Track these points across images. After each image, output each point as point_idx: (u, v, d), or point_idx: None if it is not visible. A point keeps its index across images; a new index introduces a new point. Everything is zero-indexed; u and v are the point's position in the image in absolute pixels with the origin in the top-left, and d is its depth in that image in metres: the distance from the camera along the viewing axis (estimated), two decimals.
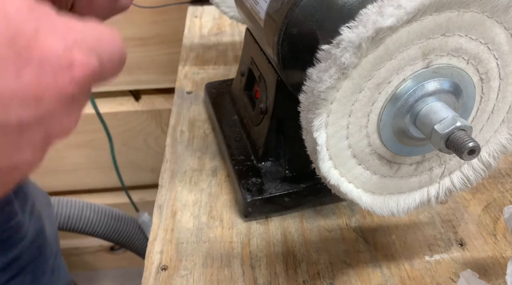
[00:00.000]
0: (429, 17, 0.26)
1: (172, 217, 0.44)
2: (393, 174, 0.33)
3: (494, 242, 0.41)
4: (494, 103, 0.33)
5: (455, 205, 0.44)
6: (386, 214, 0.34)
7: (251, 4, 0.42)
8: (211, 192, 0.46)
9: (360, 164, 0.32)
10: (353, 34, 0.25)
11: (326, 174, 0.30)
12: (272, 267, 0.39)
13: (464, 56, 0.29)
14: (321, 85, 0.26)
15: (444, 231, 0.42)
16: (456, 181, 0.35)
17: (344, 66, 0.25)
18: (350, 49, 0.25)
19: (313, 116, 0.27)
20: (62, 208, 0.88)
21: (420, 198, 0.35)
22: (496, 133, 0.34)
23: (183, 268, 0.39)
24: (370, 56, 0.26)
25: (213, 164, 0.50)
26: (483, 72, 0.31)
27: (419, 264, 0.39)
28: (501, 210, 0.44)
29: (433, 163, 0.34)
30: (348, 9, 0.33)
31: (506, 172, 0.48)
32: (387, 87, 0.29)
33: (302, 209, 0.44)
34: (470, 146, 0.27)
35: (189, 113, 0.57)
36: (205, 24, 0.77)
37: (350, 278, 0.38)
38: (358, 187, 0.32)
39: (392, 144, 0.31)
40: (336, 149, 0.30)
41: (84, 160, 1.06)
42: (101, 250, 1.21)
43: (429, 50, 0.28)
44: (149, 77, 0.97)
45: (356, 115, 0.29)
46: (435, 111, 0.28)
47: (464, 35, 0.28)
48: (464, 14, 0.27)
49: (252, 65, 0.48)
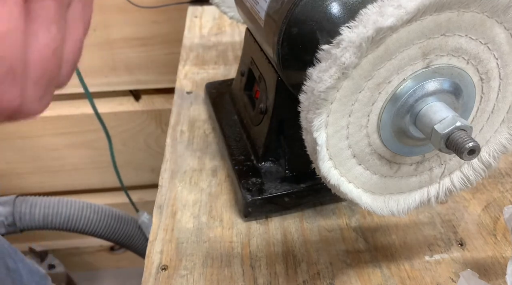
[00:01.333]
0: (429, 17, 0.26)
1: (172, 217, 0.44)
2: (393, 174, 0.33)
3: (494, 242, 0.41)
4: (494, 103, 0.33)
5: (455, 205, 0.44)
6: (386, 214, 0.34)
7: (251, 4, 0.42)
8: (211, 192, 0.46)
9: (360, 164, 0.32)
10: (353, 34, 0.25)
11: (326, 174, 0.30)
12: (272, 267, 0.39)
13: (464, 56, 0.29)
14: (321, 85, 0.26)
15: (444, 231, 0.42)
16: (456, 181, 0.35)
17: (344, 66, 0.25)
18: (350, 49, 0.25)
19: (313, 116, 0.27)
20: (62, 208, 0.88)
21: (420, 198, 0.35)
22: (496, 133, 0.34)
23: (183, 268, 0.39)
24: (370, 56, 0.26)
25: (213, 164, 0.50)
26: (483, 72, 0.31)
27: (419, 264, 0.39)
28: (501, 210, 0.44)
29: (433, 163, 0.34)
30: (348, 9, 0.33)
31: (506, 172, 0.48)
32: (387, 87, 0.29)
33: (302, 209, 0.44)
34: (470, 146, 0.27)
35: (189, 113, 0.57)
36: (205, 24, 0.77)
37: (350, 278, 0.38)
38: (358, 187, 0.32)
39: (392, 144, 0.31)
40: (336, 149, 0.30)
41: (84, 160, 1.07)
42: (101, 250, 1.21)
43: (429, 50, 0.28)
44: (149, 77, 0.97)
45: (356, 115, 0.29)
46: (435, 111, 0.28)
47: (464, 35, 0.28)
48: (464, 14, 0.27)
49: (252, 65, 0.48)
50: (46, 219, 0.87)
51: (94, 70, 0.94)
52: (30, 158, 1.04)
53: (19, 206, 0.87)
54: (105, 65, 0.94)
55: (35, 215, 0.87)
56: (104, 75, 0.95)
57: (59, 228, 0.89)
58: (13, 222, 0.87)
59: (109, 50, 0.92)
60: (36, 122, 0.98)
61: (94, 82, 0.94)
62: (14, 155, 1.03)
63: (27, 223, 0.88)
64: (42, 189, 1.08)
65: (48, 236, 1.12)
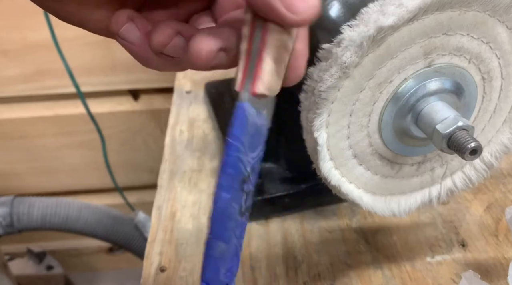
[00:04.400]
0: (430, 16, 0.26)
1: (171, 218, 0.43)
2: (394, 174, 0.33)
3: (496, 243, 0.40)
4: (496, 103, 0.32)
5: (457, 205, 0.44)
6: (387, 215, 0.34)
7: None
8: (211, 192, 0.46)
9: (361, 164, 0.31)
10: (354, 33, 0.25)
11: (327, 174, 0.30)
12: (272, 269, 0.39)
13: (466, 55, 0.29)
14: (322, 85, 0.26)
15: (446, 232, 0.42)
16: (458, 182, 0.35)
17: (345, 65, 0.25)
18: (351, 48, 0.25)
19: (313, 115, 0.27)
20: (60, 209, 0.87)
21: (422, 199, 0.35)
22: (498, 133, 0.34)
23: (182, 269, 0.39)
24: (371, 55, 0.26)
25: (212, 164, 0.49)
26: (485, 71, 0.30)
27: (421, 265, 0.39)
28: (503, 210, 0.43)
29: (435, 163, 0.34)
30: (348, 9, 0.33)
31: (508, 172, 0.47)
32: (389, 86, 0.28)
33: (302, 210, 0.44)
34: (472, 146, 0.26)
35: (188, 113, 0.57)
36: None
37: (351, 279, 0.38)
38: (359, 188, 0.32)
39: (393, 144, 0.31)
40: (337, 149, 0.30)
41: (81, 161, 1.06)
42: (99, 251, 1.21)
43: (430, 49, 0.28)
44: (148, 77, 0.97)
45: (357, 114, 0.29)
46: (437, 111, 0.28)
47: (466, 34, 0.28)
48: (465, 13, 0.27)
49: None
50: (44, 219, 0.87)
51: (93, 69, 0.94)
52: (28, 159, 1.03)
53: (17, 207, 0.87)
54: (104, 65, 0.94)
55: (33, 216, 0.87)
56: (103, 74, 0.95)
57: (58, 228, 0.89)
58: (11, 223, 0.87)
59: (108, 49, 0.92)
60: (34, 122, 0.98)
61: (93, 82, 0.93)
62: (12, 155, 1.03)
63: (25, 223, 0.87)
64: (40, 190, 1.08)
65: (47, 237, 1.12)
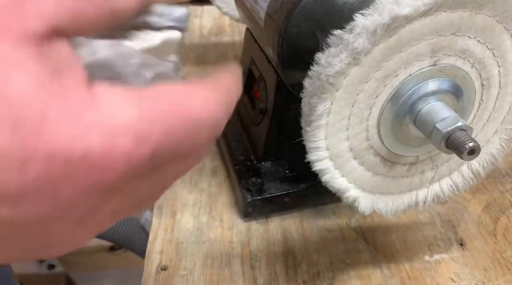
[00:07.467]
0: (443, 13, 0.27)
1: (172, 217, 0.44)
2: (386, 172, 0.33)
3: (494, 242, 0.41)
4: (490, 112, 0.33)
5: (455, 205, 0.44)
6: (368, 212, 0.34)
7: (251, 4, 0.42)
8: (211, 192, 0.46)
9: (355, 158, 0.31)
10: (368, 21, 0.25)
11: (321, 165, 0.30)
12: (272, 267, 0.39)
13: (470, 59, 0.29)
14: (330, 69, 0.26)
15: (444, 231, 0.42)
16: (445, 188, 0.35)
17: (357, 51, 0.25)
18: (364, 35, 0.25)
19: (318, 100, 0.27)
20: None
21: (408, 201, 0.35)
22: (488, 143, 0.34)
23: (183, 268, 0.39)
24: (382, 45, 0.27)
25: (213, 164, 0.50)
26: (485, 78, 0.31)
27: (419, 264, 0.39)
28: (501, 210, 0.44)
29: (426, 166, 0.34)
30: (348, 9, 0.33)
31: (506, 172, 0.48)
32: (393, 80, 0.29)
33: (302, 209, 0.44)
34: (471, 146, 0.27)
35: None
36: (205, 24, 0.77)
37: (350, 278, 0.38)
38: (350, 182, 0.32)
39: (389, 141, 0.31)
40: (334, 140, 0.30)
41: None
42: (101, 250, 1.21)
43: (438, 48, 0.28)
44: None
45: (359, 106, 0.29)
46: (437, 110, 0.29)
47: (473, 37, 0.29)
48: (476, 15, 0.27)
49: (252, 65, 0.48)
50: None
51: None
52: None
53: None
54: None
55: None
56: None
57: None
58: None
59: None
60: None
61: None
62: None
63: None
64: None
65: None
